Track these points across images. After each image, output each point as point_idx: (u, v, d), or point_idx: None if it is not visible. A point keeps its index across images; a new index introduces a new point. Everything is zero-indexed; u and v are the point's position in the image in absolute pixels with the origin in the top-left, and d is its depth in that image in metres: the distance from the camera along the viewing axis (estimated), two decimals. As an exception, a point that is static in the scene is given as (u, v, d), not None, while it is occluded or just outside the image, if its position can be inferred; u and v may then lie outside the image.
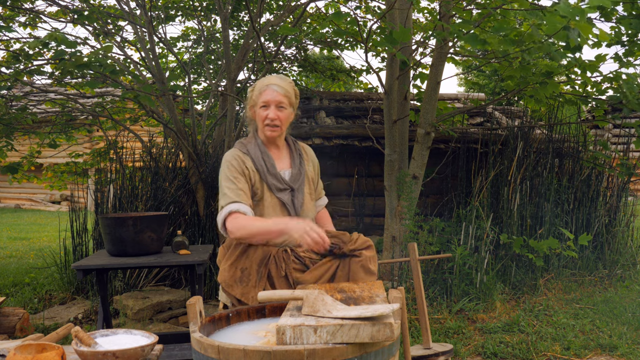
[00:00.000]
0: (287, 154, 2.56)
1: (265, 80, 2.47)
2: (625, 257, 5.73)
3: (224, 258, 2.45)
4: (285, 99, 2.43)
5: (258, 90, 2.46)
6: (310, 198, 2.55)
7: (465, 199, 5.60)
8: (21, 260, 7.10)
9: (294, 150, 2.57)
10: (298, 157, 2.55)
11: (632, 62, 4.56)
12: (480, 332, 4.14)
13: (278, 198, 2.42)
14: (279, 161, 2.51)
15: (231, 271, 2.38)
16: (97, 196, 5.33)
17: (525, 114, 6.80)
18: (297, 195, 2.46)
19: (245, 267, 2.36)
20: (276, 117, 2.41)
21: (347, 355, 1.61)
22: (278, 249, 2.37)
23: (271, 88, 2.42)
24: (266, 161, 2.44)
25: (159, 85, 5.44)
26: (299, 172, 2.51)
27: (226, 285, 2.38)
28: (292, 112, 2.50)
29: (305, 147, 2.66)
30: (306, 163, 2.58)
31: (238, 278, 2.36)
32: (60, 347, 1.77)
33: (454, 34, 3.78)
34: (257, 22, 5.46)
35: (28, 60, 4.71)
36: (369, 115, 6.24)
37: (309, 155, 2.64)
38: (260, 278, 2.32)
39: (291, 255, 2.36)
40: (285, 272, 2.34)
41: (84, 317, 4.60)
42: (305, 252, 2.37)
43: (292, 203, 2.43)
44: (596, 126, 13.34)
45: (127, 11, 5.88)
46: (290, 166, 2.52)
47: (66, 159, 9.80)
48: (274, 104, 2.41)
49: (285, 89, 2.44)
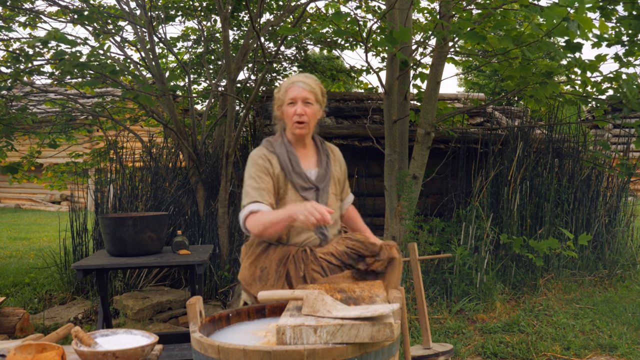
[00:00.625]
0: (314, 153, 2.56)
1: (291, 79, 2.50)
2: (625, 257, 5.73)
3: (245, 256, 2.48)
4: (312, 95, 2.44)
5: (284, 89, 2.47)
6: (335, 199, 2.56)
7: (465, 199, 5.60)
8: (21, 260, 7.10)
9: (321, 150, 2.57)
10: (325, 157, 2.55)
11: (632, 62, 4.55)
12: (480, 332, 4.14)
13: (302, 197, 2.42)
14: (305, 160, 2.51)
15: (251, 270, 2.41)
16: (97, 196, 5.33)
17: (525, 114, 6.80)
18: (322, 194, 2.46)
19: (264, 267, 2.38)
20: (303, 113, 2.42)
21: (347, 355, 1.61)
22: (297, 249, 2.39)
23: (297, 85, 2.44)
24: (291, 159, 2.45)
25: (159, 85, 5.44)
26: (325, 172, 2.51)
27: (245, 283, 2.41)
28: (320, 110, 2.51)
29: (333, 147, 2.67)
30: (333, 163, 2.58)
31: (257, 277, 2.38)
32: (60, 347, 1.77)
33: (454, 33, 3.78)
34: (257, 22, 5.46)
35: (28, 60, 4.71)
36: (369, 115, 6.24)
37: (336, 156, 2.64)
38: (279, 277, 2.34)
39: (310, 256, 2.37)
40: (303, 272, 2.34)
41: (84, 317, 4.60)
42: (325, 255, 2.39)
43: (317, 202, 2.42)
44: (596, 126, 13.34)
45: (127, 11, 5.88)
46: (317, 166, 2.52)
47: (66, 159, 9.79)
48: (301, 100, 2.42)
49: (311, 85, 2.46)
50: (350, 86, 11.46)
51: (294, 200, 2.41)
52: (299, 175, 2.43)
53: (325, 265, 2.36)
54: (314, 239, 2.42)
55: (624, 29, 4.41)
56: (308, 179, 2.44)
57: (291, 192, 2.41)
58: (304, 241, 2.41)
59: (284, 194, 2.42)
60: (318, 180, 2.47)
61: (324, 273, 2.36)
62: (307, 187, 2.42)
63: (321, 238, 2.43)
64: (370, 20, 7.41)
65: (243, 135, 6.13)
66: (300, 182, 2.42)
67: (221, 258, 5.23)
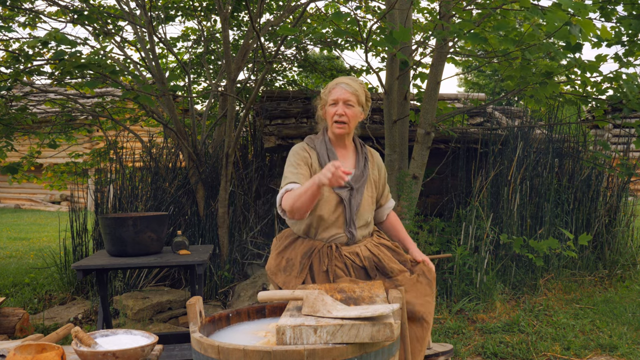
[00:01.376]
0: (352, 154, 2.61)
1: (336, 80, 2.55)
2: (625, 257, 5.73)
3: (274, 247, 2.57)
4: (354, 97, 2.48)
5: (328, 89, 2.54)
6: (370, 201, 2.59)
7: (465, 199, 5.60)
8: (21, 260, 7.10)
9: (360, 152, 2.62)
10: (363, 160, 2.60)
11: (632, 62, 4.55)
12: (480, 332, 4.14)
13: (336, 194, 2.46)
14: (343, 160, 2.56)
15: (277, 260, 2.49)
16: (97, 196, 5.33)
17: (525, 114, 6.80)
18: (356, 195, 2.50)
19: (290, 258, 2.46)
20: (344, 113, 2.46)
21: (347, 355, 1.61)
22: (324, 245, 2.45)
23: (340, 86, 2.49)
24: (330, 157, 2.50)
25: (159, 85, 5.44)
26: (361, 174, 2.55)
27: (271, 272, 2.49)
28: (362, 113, 2.55)
29: (373, 151, 2.71)
30: (371, 166, 2.63)
31: (282, 267, 2.45)
32: (60, 347, 1.77)
33: (454, 33, 3.77)
34: (257, 22, 5.46)
35: (28, 60, 4.71)
36: (368, 115, 6.24)
37: (375, 159, 2.68)
38: (302, 269, 2.40)
39: (335, 252, 2.42)
40: (327, 267, 2.40)
41: (84, 317, 4.60)
42: (350, 254, 2.44)
43: (349, 201, 2.48)
44: (596, 126, 13.34)
45: (127, 11, 5.88)
46: (354, 166, 2.57)
47: (66, 159, 9.80)
48: (342, 101, 2.47)
49: (354, 87, 2.50)
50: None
51: (328, 197, 2.46)
52: None
53: (349, 264, 2.42)
54: (341, 237, 2.47)
55: (624, 29, 4.41)
56: None
57: (326, 189, 2.44)
58: (331, 237, 2.46)
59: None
60: (354, 180, 2.51)
61: (347, 271, 2.40)
62: (342, 186, 2.45)
63: (348, 236, 2.47)
64: (370, 20, 7.41)
65: (243, 135, 6.13)
66: None
67: (221, 258, 5.23)
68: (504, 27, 3.56)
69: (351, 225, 2.47)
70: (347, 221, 2.46)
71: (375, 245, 2.52)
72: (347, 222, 2.46)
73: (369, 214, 2.59)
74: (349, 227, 2.46)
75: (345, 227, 2.46)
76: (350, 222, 2.47)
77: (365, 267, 2.45)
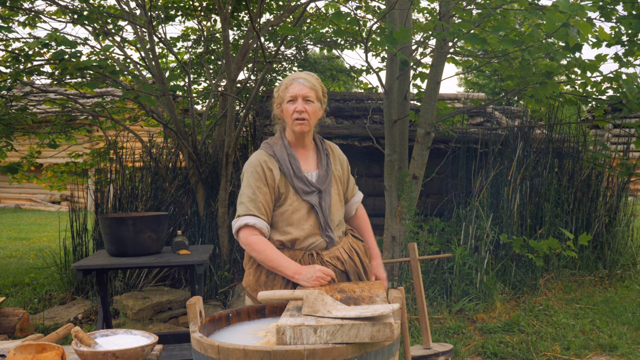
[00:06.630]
0: (314, 154, 2.50)
1: (291, 76, 2.44)
2: (625, 257, 5.73)
3: (249, 261, 2.43)
4: (312, 93, 2.38)
5: (284, 86, 2.41)
6: (338, 199, 2.50)
7: (465, 199, 5.60)
8: (21, 260, 7.10)
9: (321, 150, 2.51)
10: (325, 157, 2.49)
11: (632, 62, 4.55)
12: (480, 332, 4.14)
13: (306, 201, 2.37)
14: (305, 162, 2.45)
15: (256, 275, 2.37)
16: (97, 196, 5.33)
17: (525, 114, 6.79)
18: (325, 197, 2.41)
19: (270, 271, 2.33)
20: (304, 110, 2.35)
21: (347, 355, 1.61)
22: (304, 254, 2.35)
23: (298, 82, 2.38)
24: (292, 164, 2.39)
25: (159, 85, 5.43)
26: (325, 173, 2.45)
27: (251, 289, 2.37)
28: (320, 108, 2.44)
29: (332, 145, 2.60)
30: (333, 163, 2.52)
31: (263, 282, 2.34)
32: (60, 347, 1.77)
33: (454, 33, 3.77)
34: (257, 22, 5.46)
35: (28, 60, 4.71)
36: (369, 115, 6.24)
37: (336, 154, 2.57)
38: (287, 282, 2.29)
39: (317, 260, 2.34)
40: None
41: (84, 317, 4.60)
42: (332, 259, 2.37)
43: (320, 205, 2.38)
44: (596, 126, 13.34)
45: (127, 11, 5.88)
46: (317, 167, 2.47)
47: (66, 159, 9.78)
48: (301, 97, 2.36)
49: (312, 82, 2.39)
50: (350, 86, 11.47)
51: (296, 206, 2.37)
52: (300, 179, 2.38)
53: (332, 270, 2.34)
54: (320, 243, 2.38)
55: (624, 29, 4.41)
56: (310, 183, 2.39)
57: (293, 197, 2.37)
58: (310, 245, 2.37)
59: (285, 199, 2.37)
60: (319, 182, 2.42)
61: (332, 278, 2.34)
62: (309, 191, 2.38)
63: (327, 241, 2.39)
64: (370, 20, 7.41)
65: (243, 135, 6.13)
66: (302, 186, 2.37)
67: (221, 258, 5.23)
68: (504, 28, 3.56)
69: (327, 229, 2.38)
70: (323, 226, 2.37)
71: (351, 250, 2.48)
72: (323, 226, 2.37)
73: (340, 212, 2.50)
74: (325, 232, 2.38)
75: (322, 232, 2.38)
76: (325, 226, 2.38)
77: (347, 271, 2.39)
